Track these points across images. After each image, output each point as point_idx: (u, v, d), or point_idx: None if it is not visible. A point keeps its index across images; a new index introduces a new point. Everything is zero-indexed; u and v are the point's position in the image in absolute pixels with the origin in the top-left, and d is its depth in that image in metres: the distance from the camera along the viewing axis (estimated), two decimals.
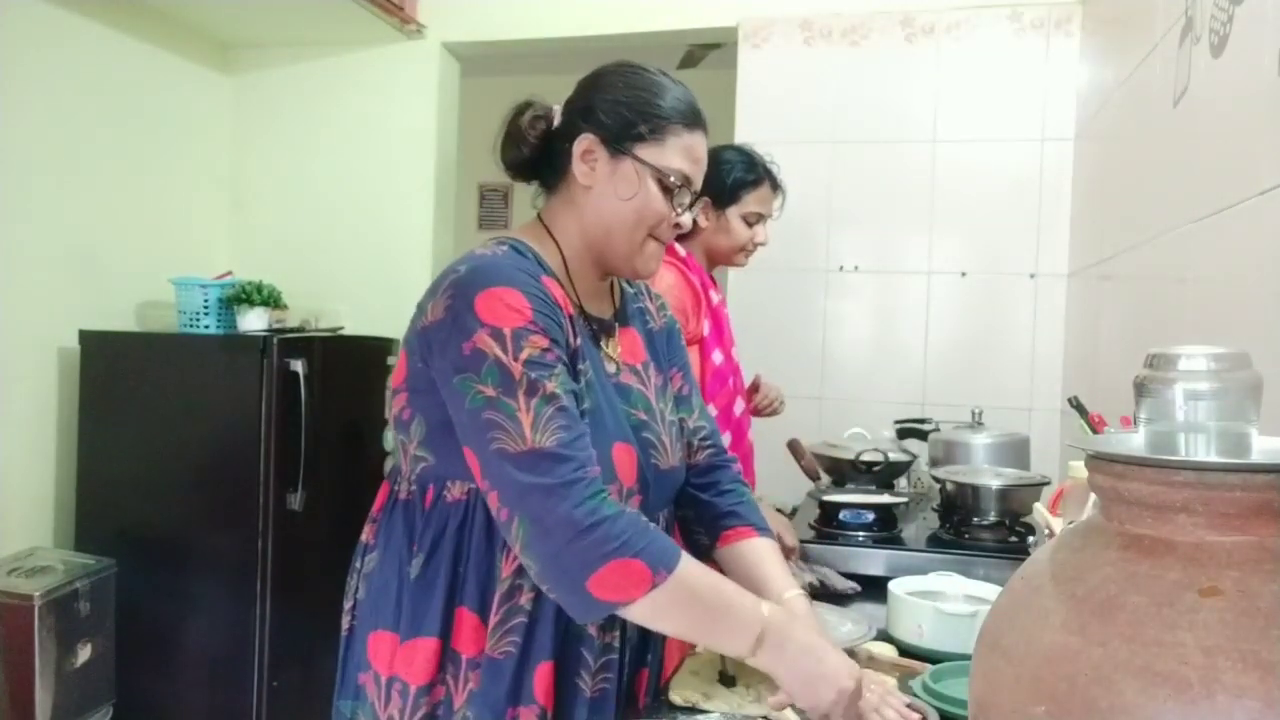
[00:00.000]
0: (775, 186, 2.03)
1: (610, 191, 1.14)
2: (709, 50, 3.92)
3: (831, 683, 1.00)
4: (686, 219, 1.17)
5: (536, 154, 1.18)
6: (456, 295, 1.06)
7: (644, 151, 1.13)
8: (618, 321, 1.24)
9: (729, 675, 1.19)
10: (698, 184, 1.17)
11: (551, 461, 0.99)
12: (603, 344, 1.19)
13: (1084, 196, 2.54)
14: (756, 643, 1.01)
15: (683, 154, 1.14)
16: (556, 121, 1.18)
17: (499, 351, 1.02)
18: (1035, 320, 2.71)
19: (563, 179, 1.17)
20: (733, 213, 1.99)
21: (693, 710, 1.13)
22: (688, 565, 1.00)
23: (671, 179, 1.13)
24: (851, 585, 1.62)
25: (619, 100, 1.14)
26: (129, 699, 2.59)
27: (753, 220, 2.01)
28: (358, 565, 1.19)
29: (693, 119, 1.16)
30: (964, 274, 2.76)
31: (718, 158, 2.02)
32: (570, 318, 1.11)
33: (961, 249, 2.76)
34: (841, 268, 2.84)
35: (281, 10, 2.99)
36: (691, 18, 2.99)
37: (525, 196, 1.29)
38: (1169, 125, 1.65)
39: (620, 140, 1.13)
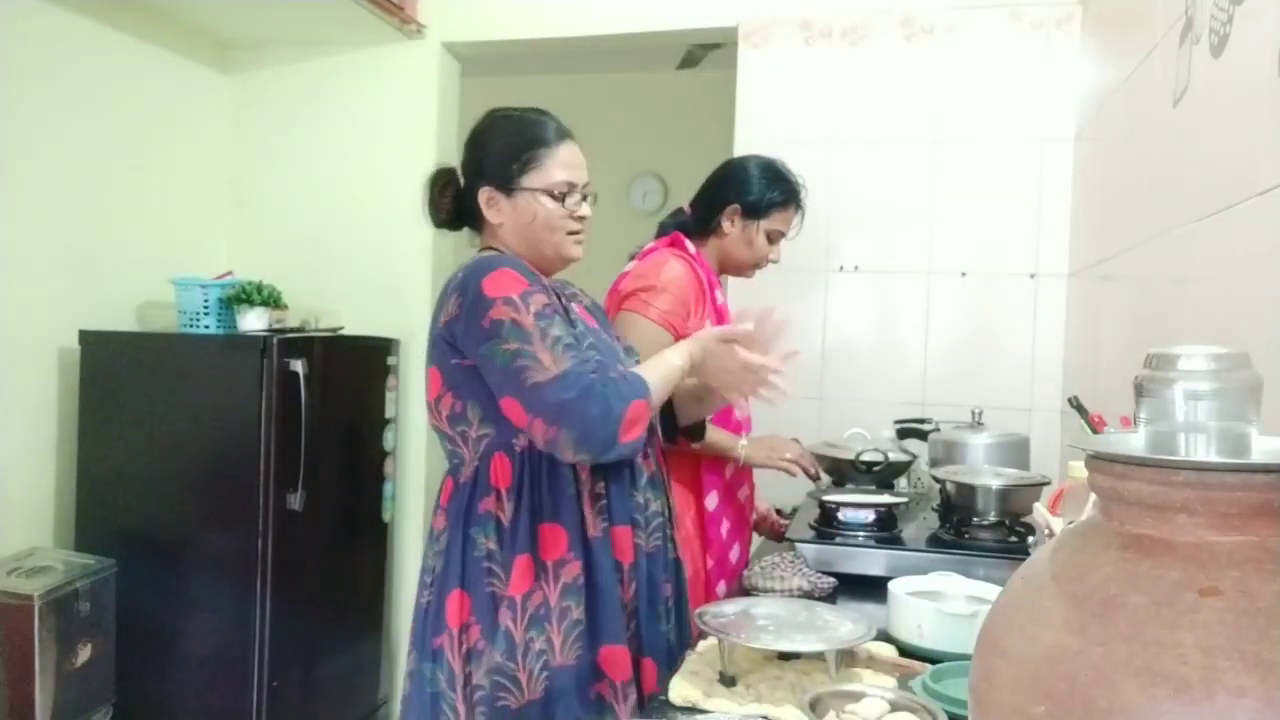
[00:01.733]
0: (799, 207, 2.05)
1: (517, 222, 1.47)
2: (709, 50, 3.92)
3: (718, 377, 1.50)
4: (586, 209, 1.49)
5: (457, 212, 1.52)
6: (465, 288, 1.36)
7: (530, 180, 1.45)
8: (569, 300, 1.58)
9: (729, 675, 1.19)
10: (582, 179, 1.49)
11: (571, 378, 1.30)
12: (571, 309, 1.51)
13: (1084, 196, 2.54)
14: (689, 370, 1.47)
15: (560, 166, 1.46)
16: (462, 183, 1.51)
17: (514, 313, 1.32)
18: (1035, 320, 2.71)
19: (482, 223, 1.51)
20: (761, 226, 2.01)
21: (693, 710, 1.13)
22: (649, 376, 1.39)
23: (557, 190, 1.46)
24: (828, 580, 1.63)
25: (497, 151, 1.47)
26: (129, 699, 2.59)
27: (775, 237, 2.03)
28: (430, 551, 1.46)
29: (554, 137, 1.48)
30: (964, 274, 2.76)
31: (756, 170, 2.02)
32: (546, 286, 1.44)
33: (961, 249, 2.76)
34: (841, 268, 2.84)
35: (281, 10, 2.99)
36: (691, 18, 2.99)
37: None
38: (1169, 125, 1.65)
39: (508, 181, 1.45)
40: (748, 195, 2.00)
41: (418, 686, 1.41)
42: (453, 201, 1.51)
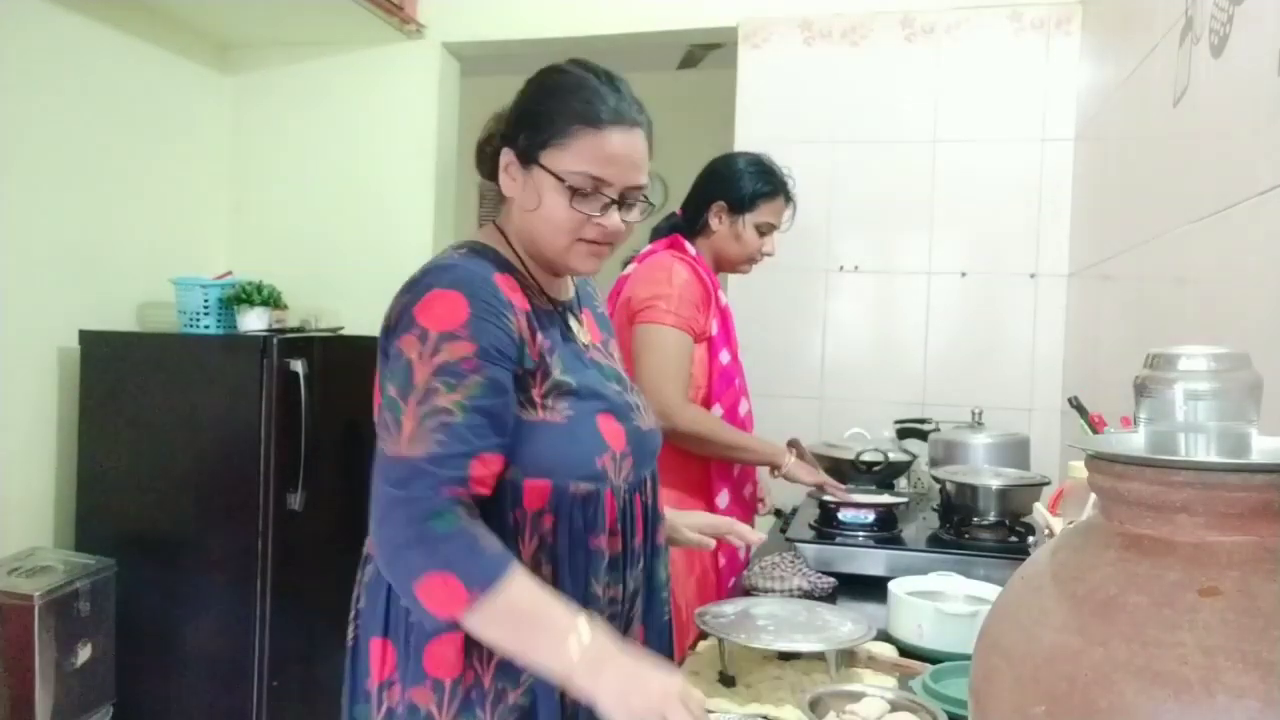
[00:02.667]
0: (788, 199, 2.05)
1: (522, 204, 1.16)
2: (709, 50, 3.93)
3: (643, 690, 0.96)
4: (612, 218, 1.14)
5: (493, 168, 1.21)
6: (406, 296, 1.09)
7: (548, 158, 1.13)
8: (579, 304, 1.30)
9: (729, 675, 1.19)
10: (619, 181, 1.14)
11: (409, 473, 1.02)
12: (573, 326, 1.23)
13: (1084, 196, 2.54)
14: (568, 671, 0.99)
15: (589, 155, 1.12)
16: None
17: (414, 354, 1.05)
18: (1035, 320, 2.71)
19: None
20: (748, 220, 2.01)
21: None
22: (510, 586, 1.00)
23: (570, 182, 1.12)
24: (828, 580, 1.63)
25: (526, 110, 1.17)
26: (129, 699, 2.59)
27: (765, 230, 2.04)
28: (360, 576, 1.21)
29: (598, 118, 1.12)
30: (964, 274, 2.76)
31: (737, 165, 2.04)
32: (529, 313, 1.14)
33: (961, 249, 2.76)
34: (841, 268, 2.84)
35: (281, 10, 2.99)
36: (691, 18, 2.99)
37: None
38: (1169, 125, 1.65)
39: (529, 150, 1.14)
40: (731, 190, 2.01)
41: None
42: (495, 155, 1.20)
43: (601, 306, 1.40)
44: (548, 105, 1.15)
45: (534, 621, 1.01)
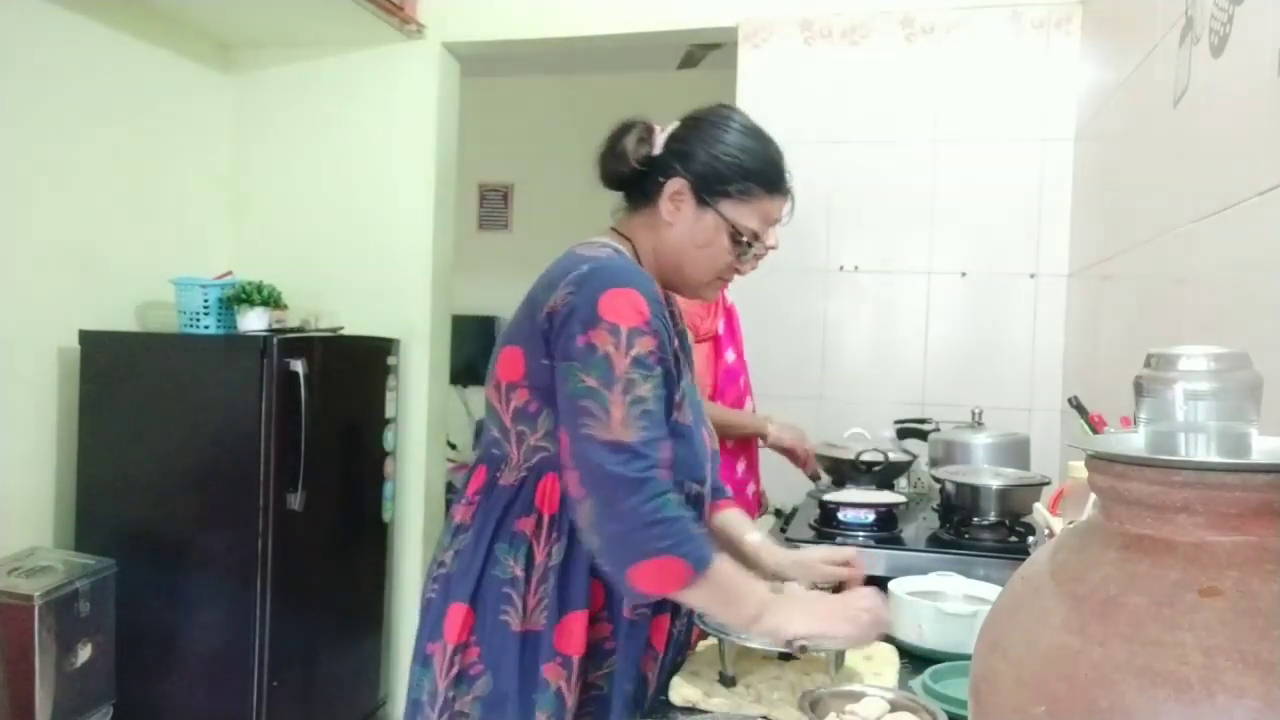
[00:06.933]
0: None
1: (688, 235, 1.27)
2: (709, 50, 3.92)
3: (824, 605, 1.17)
4: (748, 268, 1.31)
5: (635, 174, 1.29)
6: (579, 290, 1.16)
7: (727, 207, 1.25)
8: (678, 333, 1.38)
9: (729, 675, 1.19)
10: (769, 242, 1.30)
11: (630, 454, 1.10)
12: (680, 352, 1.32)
13: (1084, 196, 2.54)
14: (757, 615, 1.14)
15: (761, 216, 1.27)
16: (657, 149, 1.28)
17: (611, 347, 1.13)
18: (1035, 320, 2.71)
19: (648, 205, 1.29)
20: None
21: (693, 710, 1.13)
22: (718, 565, 1.12)
23: (744, 237, 1.26)
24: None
25: (717, 155, 1.26)
26: (129, 699, 2.59)
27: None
28: (447, 542, 1.28)
29: (776, 185, 1.29)
30: (964, 274, 2.76)
31: None
32: (666, 325, 1.22)
33: (961, 249, 2.76)
34: (841, 268, 2.84)
35: (281, 10, 2.99)
36: (691, 18, 2.99)
37: (525, 197, 1.36)
38: (1169, 125, 1.65)
39: (709, 193, 1.25)
40: None
41: (407, 688, 1.28)
42: (643, 161, 1.28)
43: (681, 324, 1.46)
44: (738, 161, 1.26)
45: (732, 589, 1.14)
